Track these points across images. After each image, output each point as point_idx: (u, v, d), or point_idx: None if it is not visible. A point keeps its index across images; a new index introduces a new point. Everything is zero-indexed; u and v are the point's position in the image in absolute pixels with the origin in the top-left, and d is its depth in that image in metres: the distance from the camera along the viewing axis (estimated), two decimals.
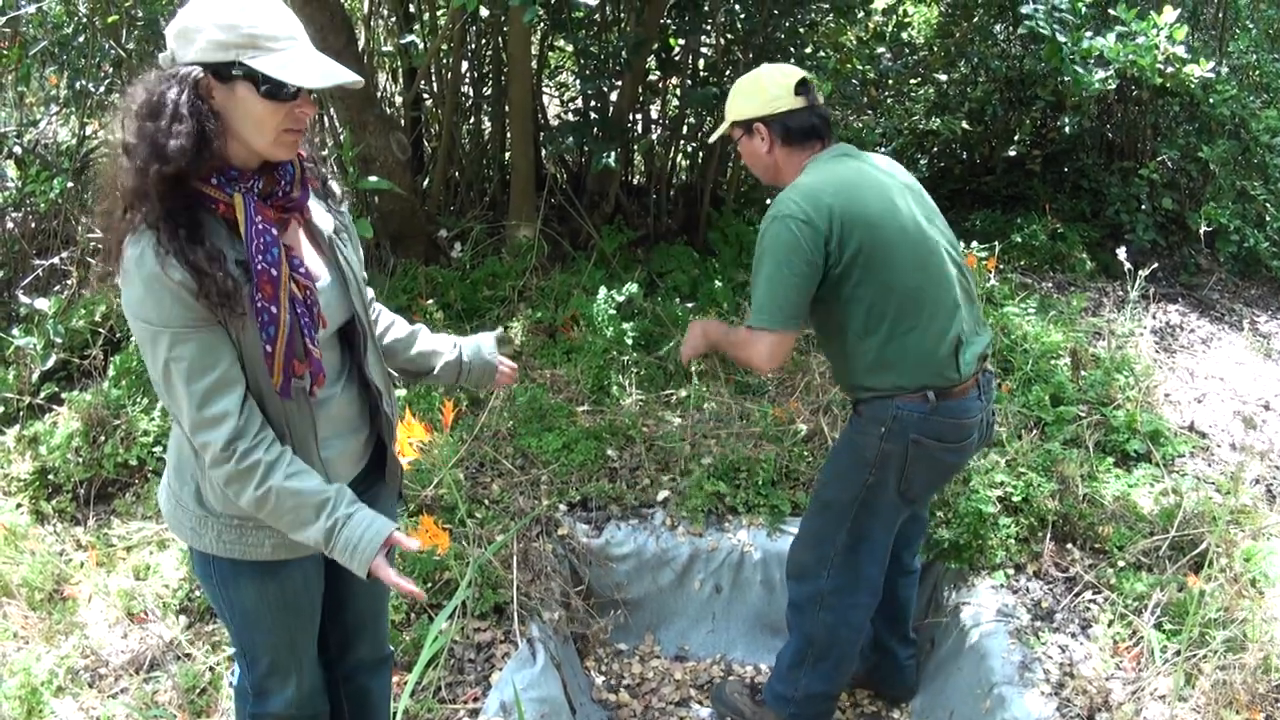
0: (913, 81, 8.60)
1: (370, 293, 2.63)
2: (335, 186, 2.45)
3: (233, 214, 2.08)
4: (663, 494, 4.44)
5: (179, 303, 1.99)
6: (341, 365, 2.42)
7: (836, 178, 3.05)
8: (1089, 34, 4.96)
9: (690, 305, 5.78)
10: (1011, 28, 8.04)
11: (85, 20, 5.71)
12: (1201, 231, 7.12)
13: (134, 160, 1.98)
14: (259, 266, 2.07)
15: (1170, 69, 4.98)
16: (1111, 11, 5.09)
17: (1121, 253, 5.97)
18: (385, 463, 2.60)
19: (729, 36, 6.56)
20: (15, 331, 5.01)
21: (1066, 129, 8.15)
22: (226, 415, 2.08)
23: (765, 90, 3.16)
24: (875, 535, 3.32)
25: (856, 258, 2.99)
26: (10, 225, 5.92)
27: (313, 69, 2.01)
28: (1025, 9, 5.08)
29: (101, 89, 6.26)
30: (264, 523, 2.28)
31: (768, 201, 7.18)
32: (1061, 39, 4.91)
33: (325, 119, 6.22)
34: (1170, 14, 4.93)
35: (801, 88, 3.16)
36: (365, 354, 2.43)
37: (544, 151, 6.80)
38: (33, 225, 6.00)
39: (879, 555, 3.36)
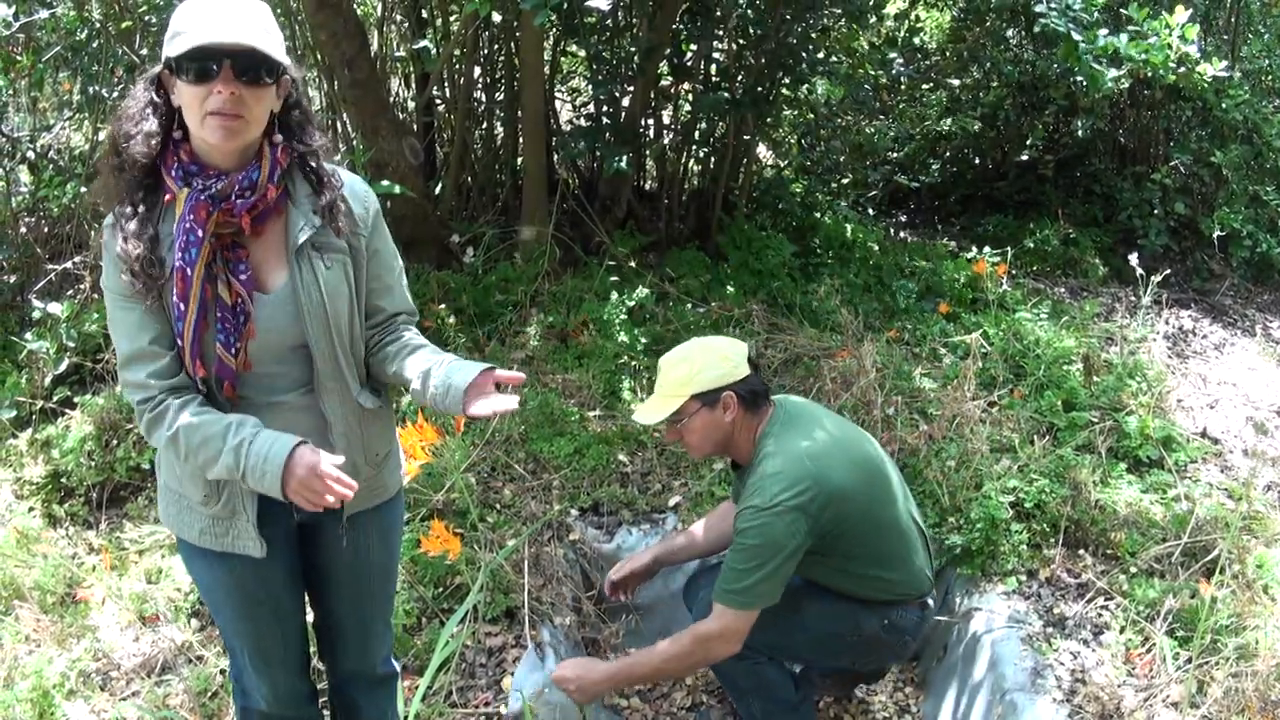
0: (925, 86, 8.60)
1: (412, 309, 2.59)
2: (341, 217, 2.34)
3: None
4: (674, 499, 4.44)
5: (120, 273, 2.16)
6: (304, 378, 2.39)
7: (804, 452, 3.12)
8: (1103, 32, 4.95)
9: (702, 310, 5.78)
10: (1023, 32, 8.03)
11: (99, 26, 5.73)
12: (1214, 237, 7.11)
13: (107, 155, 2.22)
14: (176, 263, 2.17)
15: (1182, 69, 4.97)
16: (1123, 12, 5.08)
17: (1134, 258, 5.95)
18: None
19: (741, 42, 6.56)
20: (28, 335, 5.03)
21: (1079, 133, 8.13)
22: (145, 381, 2.21)
23: (728, 359, 3.22)
24: (796, 654, 3.50)
25: (841, 525, 3.13)
26: (23, 229, 5.93)
27: (191, 37, 2.06)
28: (1039, 7, 5.07)
29: (115, 94, 6.28)
30: (194, 505, 2.36)
31: (780, 206, 7.18)
32: (1076, 37, 4.90)
33: (338, 124, 6.24)
34: (1182, 14, 4.92)
35: (750, 356, 3.29)
36: (317, 384, 2.38)
37: (556, 156, 6.80)
38: (46, 230, 6.01)
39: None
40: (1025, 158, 8.96)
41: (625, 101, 6.44)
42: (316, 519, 2.44)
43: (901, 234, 8.42)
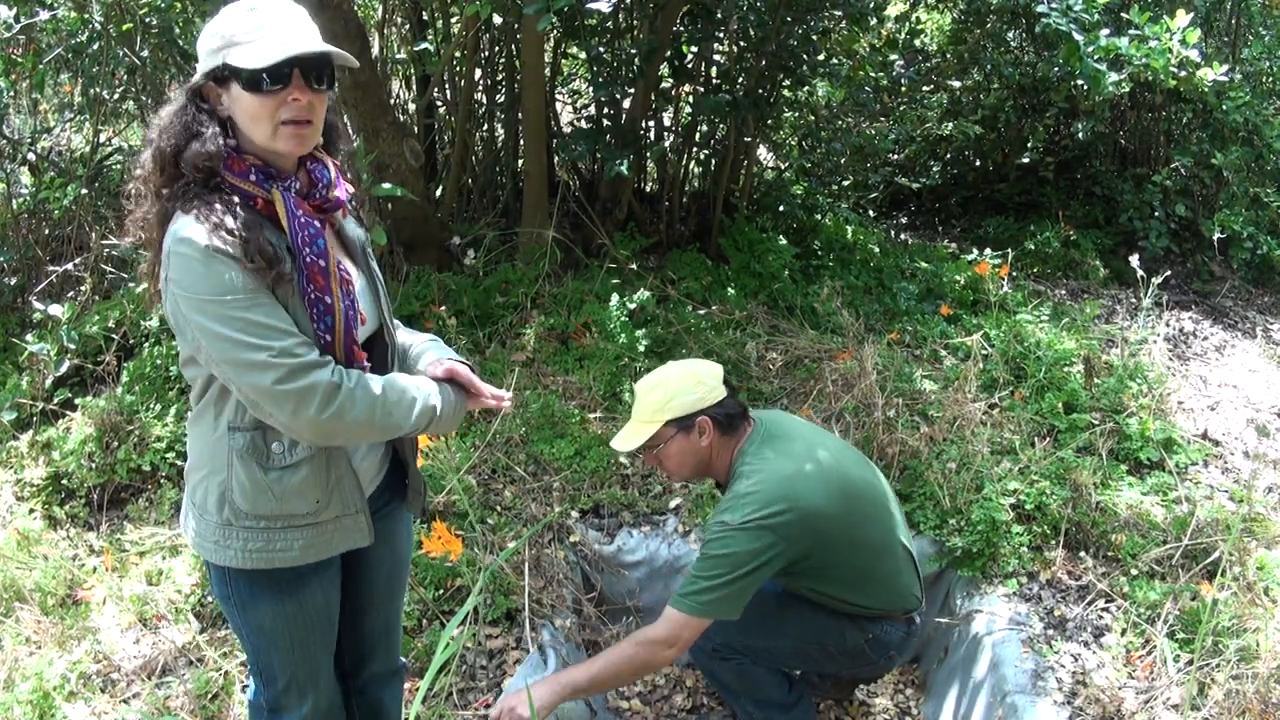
0: (925, 88, 8.60)
1: None
2: (364, 215, 2.51)
3: (272, 210, 2.14)
4: (675, 501, 4.44)
5: (238, 271, 2.04)
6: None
7: (779, 474, 3.12)
8: (1105, 32, 4.96)
9: (703, 312, 5.78)
10: (1024, 34, 8.03)
11: (100, 28, 5.73)
12: (1215, 239, 7.10)
13: (141, 167, 2.16)
14: (307, 258, 2.14)
15: (1183, 72, 4.98)
16: (1125, 15, 5.09)
17: (1134, 260, 5.95)
18: (405, 481, 2.60)
19: (742, 44, 6.56)
20: (29, 337, 5.03)
21: (1080, 135, 8.13)
22: (323, 357, 2.13)
23: (702, 382, 3.22)
24: (779, 659, 3.48)
25: (818, 546, 3.13)
26: (24, 231, 5.94)
27: (270, 50, 2.03)
28: (1041, 7, 5.08)
29: (115, 96, 6.29)
30: (296, 522, 2.29)
31: (781, 208, 7.18)
32: (1078, 37, 4.91)
33: (338, 126, 6.25)
34: (1183, 18, 4.92)
35: (726, 378, 3.29)
36: (391, 366, 2.45)
37: (557, 158, 6.80)
38: (47, 232, 6.02)
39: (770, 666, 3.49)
40: (1026, 160, 8.97)
41: (626, 104, 6.44)
42: (393, 512, 2.62)
43: (902, 236, 8.43)
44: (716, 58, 6.75)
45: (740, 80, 6.51)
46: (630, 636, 3.16)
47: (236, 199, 2.10)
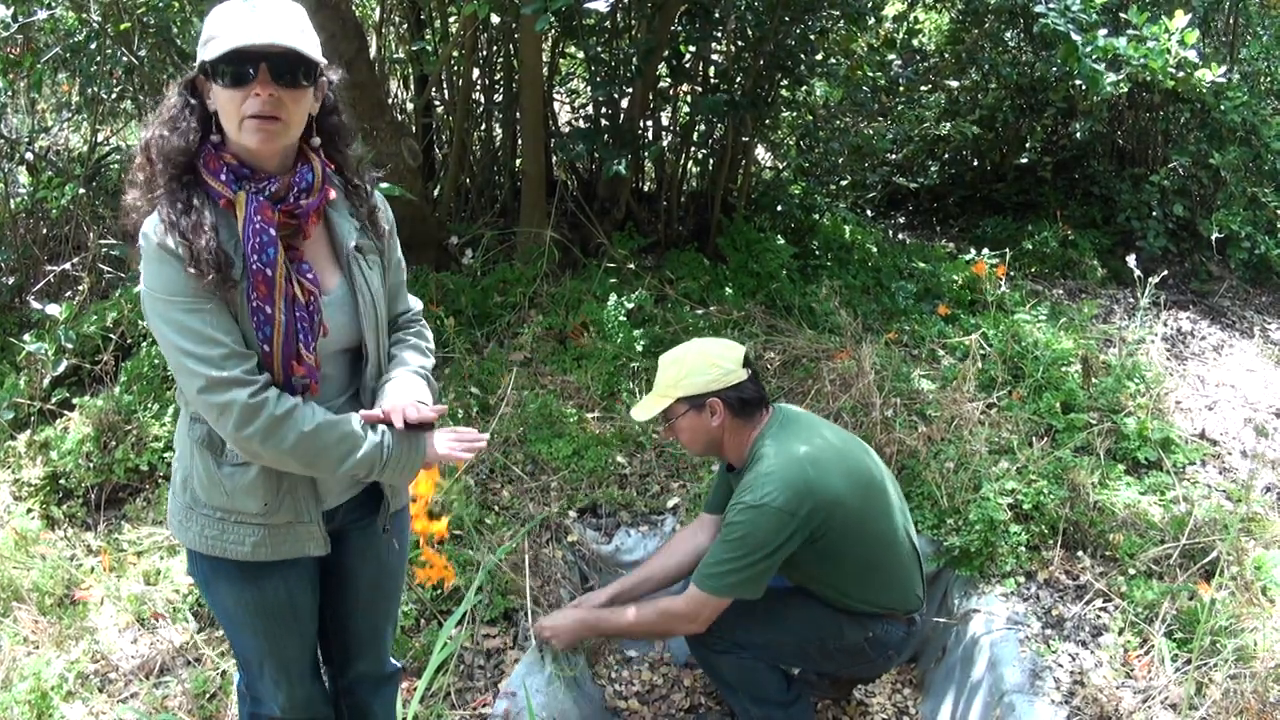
0: (924, 88, 8.60)
1: (418, 305, 2.68)
2: (382, 221, 2.50)
3: (234, 210, 2.14)
4: (673, 500, 4.44)
5: (182, 273, 2.06)
6: (347, 383, 2.41)
7: (800, 456, 3.15)
8: (1103, 33, 4.96)
9: (701, 311, 5.78)
10: (1022, 34, 8.04)
11: (97, 27, 5.73)
12: (1213, 238, 7.11)
13: (140, 166, 2.16)
14: (254, 265, 2.13)
15: (1181, 73, 4.99)
16: (1123, 15, 5.09)
17: (1132, 259, 5.96)
18: (380, 497, 2.55)
19: (740, 43, 6.56)
20: (27, 337, 5.03)
21: (1078, 135, 8.14)
22: (248, 378, 2.11)
23: (717, 364, 3.23)
24: (778, 656, 3.47)
25: (831, 531, 3.15)
26: (22, 231, 5.93)
27: (227, 40, 2.02)
28: (1039, 8, 5.08)
29: (113, 95, 6.28)
30: (247, 519, 2.30)
31: (779, 208, 7.18)
32: (1076, 37, 4.91)
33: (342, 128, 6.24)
34: (1181, 19, 4.93)
35: (746, 359, 3.30)
36: (364, 379, 2.42)
37: (555, 158, 6.80)
38: (44, 231, 6.02)
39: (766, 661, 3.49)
40: (1024, 160, 8.98)
41: (624, 103, 6.44)
42: (367, 528, 2.56)
43: (900, 236, 8.43)
44: (714, 57, 6.75)
45: (738, 80, 6.51)
46: (656, 603, 3.27)
47: (196, 200, 2.11)
